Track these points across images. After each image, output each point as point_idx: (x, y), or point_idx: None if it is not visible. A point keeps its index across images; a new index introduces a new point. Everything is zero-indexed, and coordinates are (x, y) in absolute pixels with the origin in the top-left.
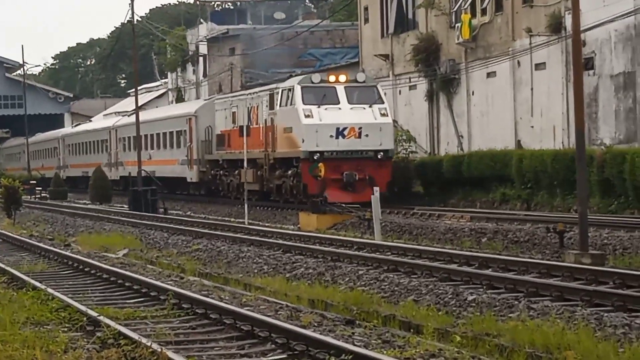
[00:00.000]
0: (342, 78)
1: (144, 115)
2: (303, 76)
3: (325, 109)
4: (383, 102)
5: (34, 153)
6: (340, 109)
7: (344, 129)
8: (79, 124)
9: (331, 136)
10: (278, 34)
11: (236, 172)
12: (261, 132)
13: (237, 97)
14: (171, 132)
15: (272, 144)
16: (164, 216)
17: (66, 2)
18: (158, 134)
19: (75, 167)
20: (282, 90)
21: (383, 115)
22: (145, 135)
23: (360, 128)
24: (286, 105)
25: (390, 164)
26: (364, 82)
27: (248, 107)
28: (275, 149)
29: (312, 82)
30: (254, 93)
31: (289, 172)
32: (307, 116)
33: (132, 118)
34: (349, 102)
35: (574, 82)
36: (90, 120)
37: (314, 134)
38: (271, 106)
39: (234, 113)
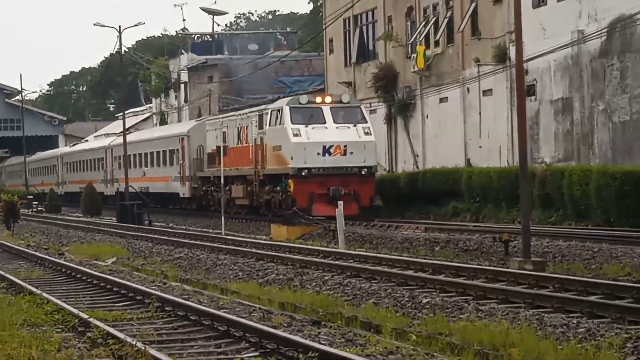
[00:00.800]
0: (328, 99)
1: (139, 135)
2: (291, 98)
3: (313, 128)
4: (366, 122)
5: (35, 170)
6: (326, 128)
7: (330, 146)
8: (76, 144)
9: (318, 153)
10: (252, 64)
11: (227, 188)
12: (251, 150)
13: (227, 118)
14: (164, 151)
15: (261, 162)
16: (149, 228)
17: (60, 34)
18: (152, 153)
19: (73, 184)
20: (272, 111)
21: (367, 134)
22: (140, 154)
23: (345, 146)
24: (275, 125)
25: (373, 179)
26: (348, 102)
27: (238, 127)
28: (265, 166)
29: (300, 103)
30: (243, 114)
31: (278, 187)
32: (295, 135)
33: (127, 138)
34: (335, 122)
35: (518, 107)
36: (87, 140)
37: (302, 152)
38: (260, 126)
39: (224, 133)
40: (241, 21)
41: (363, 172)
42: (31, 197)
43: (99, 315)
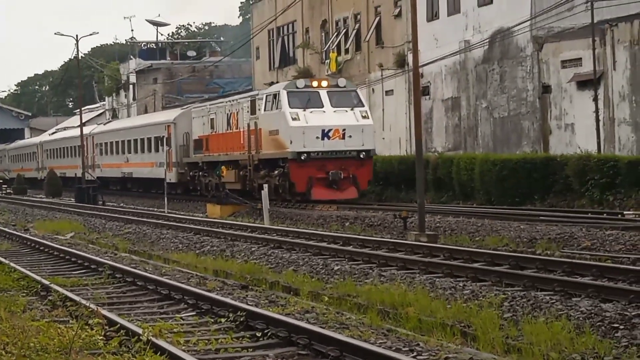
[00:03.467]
0: (324, 83)
1: (121, 123)
2: (288, 82)
3: (311, 112)
4: (363, 105)
5: (14, 157)
6: (324, 112)
7: (329, 130)
8: (56, 132)
9: (317, 137)
10: (190, 67)
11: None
12: (242, 135)
13: (215, 105)
14: (149, 138)
15: (256, 147)
16: (102, 207)
17: (25, 41)
18: (136, 140)
19: (54, 168)
20: (267, 96)
21: (364, 117)
22: (122, 141)
23: (344, 130)
24: (272, 109)
25: (371, 162)
26: (344, 86)
27: (227, 114)
28: (259, 150)
29: (297, 88)
30: (233, 100)
31: (275, 172)
32: (294, 119)
33: (108, 126)
34: (332, 106)
35: (414, 105)
36: (65, 129)
37: (301, 136)
38: (252, 111)
39: (212, 119)
40: (181, 31)
41: (362, 156)
42: (1, 181)
43: (58, 281)
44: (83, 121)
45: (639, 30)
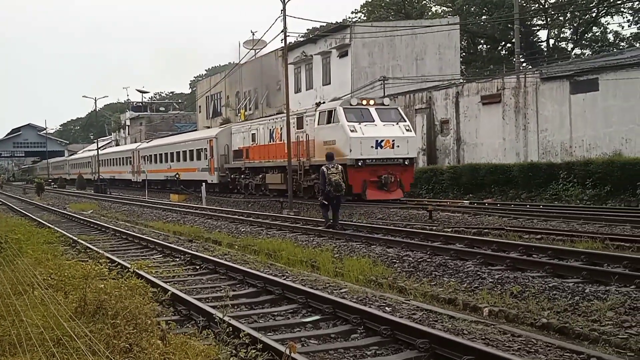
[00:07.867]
0: (372, 102)
1: (174, 138)
2: (342, 100)
3: (365, 125)
4: (405, 121)
5: (73, 165)
6: (376, 125)
7: (382, 141)
8: (107, 147)
9: (372, 147)
10: (161, 117)
11: (259, 176)
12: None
13: (256, 123)
14: (191, 150)
15: (306, 154)
16: (110, 196)
17: (65, 99)
18: (179, 152)
19: (104, 173)
20: (320, 113)
21: (408, 130)
22: (165, 153)
23: (393, 140)
24: (328, 123)
25: (413, 168)
26: (388, 105)
27: (270, 129)
28: (310, 158)
29: (351, 105)
30: (276, 119)
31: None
32: (352, 131)
33: (151, 143)
34: (381, 120)
35: (287, 137)
36: (117, 145)
37: (358, 145)
38: (299, 126)
39: (253, 134)
40: (157, 95)
41: (406, 162)
42: (51, 180)
43: (83, 238)
44: (99, 146)
45: (408, 100)
